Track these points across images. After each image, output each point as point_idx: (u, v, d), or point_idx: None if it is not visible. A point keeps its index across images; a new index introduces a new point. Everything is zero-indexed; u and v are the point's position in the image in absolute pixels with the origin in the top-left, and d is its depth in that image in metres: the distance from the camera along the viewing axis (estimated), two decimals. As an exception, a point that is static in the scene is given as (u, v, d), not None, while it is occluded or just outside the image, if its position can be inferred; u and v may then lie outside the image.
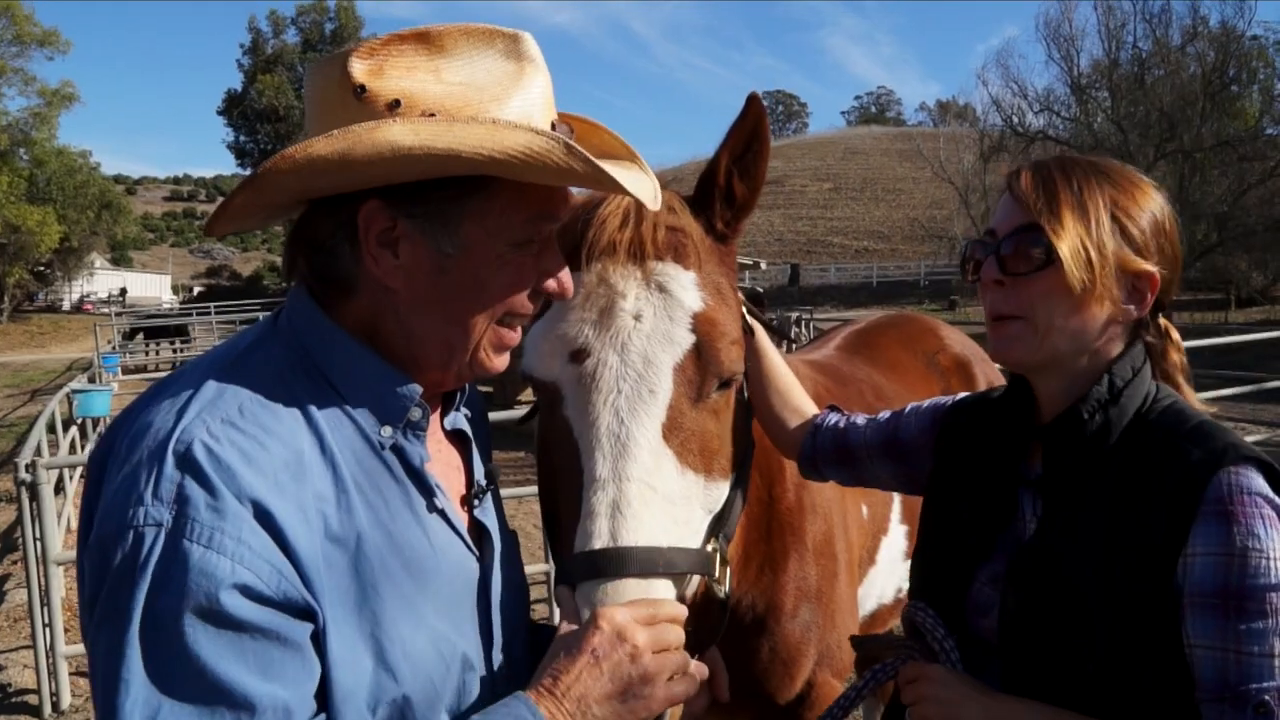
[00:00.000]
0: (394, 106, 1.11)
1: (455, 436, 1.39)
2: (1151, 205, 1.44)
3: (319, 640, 1.05)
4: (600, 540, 1.28)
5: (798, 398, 2.03)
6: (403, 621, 1.12)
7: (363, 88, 1.11)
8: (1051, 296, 1.40)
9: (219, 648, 0.96)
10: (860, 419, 1.95)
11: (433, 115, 1.11)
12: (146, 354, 31.59)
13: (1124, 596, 1.30)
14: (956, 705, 1.40)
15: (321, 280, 1.22)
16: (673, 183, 1.69)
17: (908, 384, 3.26)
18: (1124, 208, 1.42)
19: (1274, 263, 34.14)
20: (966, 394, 1.86)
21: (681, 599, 1.35)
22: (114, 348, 30.68)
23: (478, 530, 1.32)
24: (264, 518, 1.01)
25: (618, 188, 1.17)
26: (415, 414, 1.21)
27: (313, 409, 1.14)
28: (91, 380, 20.03)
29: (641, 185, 1.28)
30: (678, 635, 1.23)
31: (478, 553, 1.29)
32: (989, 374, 3.55)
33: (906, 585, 3.04)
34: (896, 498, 2.91)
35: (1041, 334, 1.42)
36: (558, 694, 1.13)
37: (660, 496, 1.35)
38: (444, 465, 1.32)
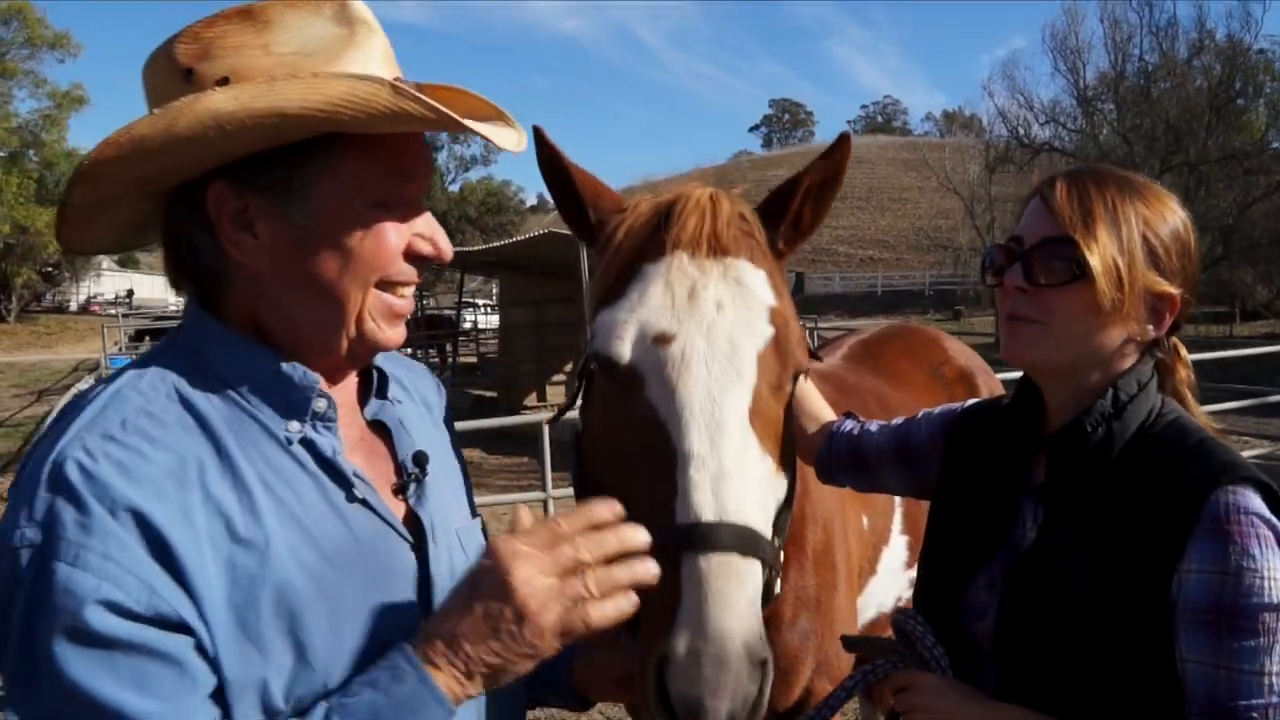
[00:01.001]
0: (222, 84, 1.08)
1: (379, 426, 1.34)
2: (1177, 224, 1.46)
3: (206, 647, 1.03)
4: (708, 512, 1.28)
5: (815, 404, 2.07)
6: (326, 617, 1.10)
7: (190, 71, 1.09)
8: (1075, 309, 1.42)
9: (90, 666, 0.96)
10: (874, 425, 1.97)
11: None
12: (152, 356, 31.49)
13: (1118, 609, 1.32)
14: (951, 715, 1.41)
15: (194, 279, 1.20)
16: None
17: (913, 394, 3.29)
18: (1153, 227, 1.43)
19: (1279, 276, 34.09)
20: (978, 400, 1.88)
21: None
22: (121, 349, 30.75)
23: (414, 521, 1.28)
24: (144, 525, 1.00)
25: (460, 126, 1.12)
26: (320, 404, 1.19)
27: (209, 414, 1.12)
28: (98, 382, 20.05)
29: (502, 134, 1.24)
30: (594, 548, 1.10)
31: (411, 540, 1.26)
32: (992, 386, 3.59)
33: (907, 595, 3.08)
34: (898, 509, 2.94)
35: (1058, 342, 1.44)
36: (434, 635, 1.07)
37: (751, 477, 1.36)
38: (367, 455, 1.29)
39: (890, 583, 2.91)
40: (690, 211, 1.51)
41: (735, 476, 1.32)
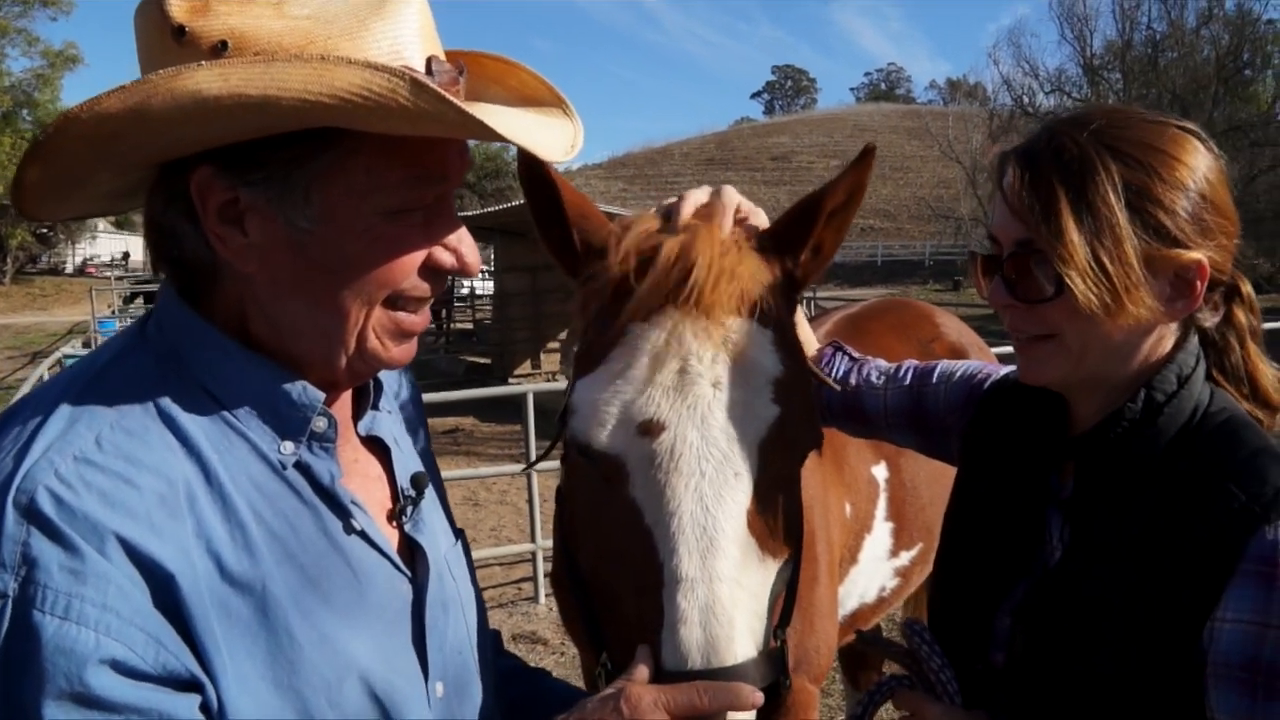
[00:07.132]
0: (220, 49, 0.90)
1: (374, 442, 1.21)
2: (1181, 174, 1.20)
3: (211, 705, 0.90)
4: (696, 656, 1.10)
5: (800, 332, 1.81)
6: (326, 666, 0.98)
7: (183, 29, 0.90)
8: (1076, 318, 1.21)
9: None
10: (875, 376, 1.77)
11: (258, 55, 0.90)
12: (146, 319, 31.44)
13: (1142, 652, 1.17)
14: None
15: (175, 268, 1.03)
16: (685, 157, 1.49)
17: (900, 373, 3.14)
18: (1144, 190, 1.19)
19: (1282, 250, 33.93)
20: (1007, 373, 1.62)
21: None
22: (113, 312, 30.70)
23: (409, 547, 1.16)
24: (141, 567, 0.86)
25: (489, 134, 0.93)
26: (320, 424, 1.04)
27: (192, 430, 0.96)
28: (86, 345, 19.99)
29: (546, 134, 1.06)
30: None
31: (409, 573, 1.14)
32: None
33: (890, 585, 2.97)
34: (882, 494, 2.82)
35: (1077, 355, 1.24)
36: None
37: (747, 594, 1.18)
38: (361, 477, 1.16)
39: (873, 572, 2.80)
40: (689, 258, 1.25)
41: (728, 604, 1.14)
